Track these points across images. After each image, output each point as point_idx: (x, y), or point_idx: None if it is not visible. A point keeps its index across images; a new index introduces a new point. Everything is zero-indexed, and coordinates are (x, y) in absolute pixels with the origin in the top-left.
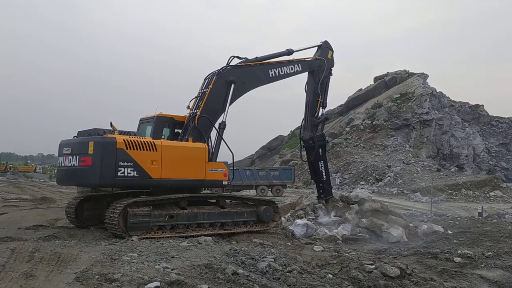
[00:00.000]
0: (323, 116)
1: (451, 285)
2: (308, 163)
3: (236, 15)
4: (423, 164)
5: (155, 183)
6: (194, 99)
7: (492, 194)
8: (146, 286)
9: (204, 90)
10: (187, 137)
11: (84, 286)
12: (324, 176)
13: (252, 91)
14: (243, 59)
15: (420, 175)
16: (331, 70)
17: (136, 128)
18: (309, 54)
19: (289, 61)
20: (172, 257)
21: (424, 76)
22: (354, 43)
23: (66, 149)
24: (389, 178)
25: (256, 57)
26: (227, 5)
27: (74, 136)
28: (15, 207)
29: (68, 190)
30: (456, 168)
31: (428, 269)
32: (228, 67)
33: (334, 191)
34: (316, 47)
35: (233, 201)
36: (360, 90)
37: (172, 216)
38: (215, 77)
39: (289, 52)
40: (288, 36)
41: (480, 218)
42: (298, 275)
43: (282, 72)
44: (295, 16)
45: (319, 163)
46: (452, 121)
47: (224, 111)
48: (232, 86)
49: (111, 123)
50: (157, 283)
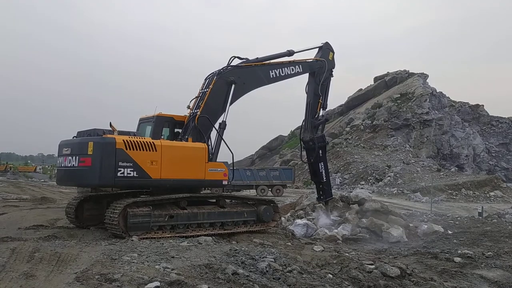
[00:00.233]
0: (324, 117)
1: (451, 285)
2: (308, 164)
3: (236, 15)
4: (423, 164)
5: (154, 183)
6: (195, 99)
7: (492, 194)
8: (146, 286)
9: (205, 90)
10: (187, 137)
11: (84, 286)
12: (324, 178)
13: (252, 91)
14: (244, 60)
15: (420, 175)
16: (332, 71)
17: (135, 128)
18: (310, 55)
19: (290, 62)
20: (172, 257)
21: (424, 76)
22: (354, 43)
23: (66, 149)
24: (389, 178)
25: (257, 57)
26: (227, 5)
27: (73, 137)
28: (15, 207)
29: (68, 190)
30: (456, 168)
31: (428, 269)
32: (229, 67)
33: (334, 191)
34: (317, 49)
35: (233, 201)
36: (360, 90)
37: (172, 216)
38: (215, 77)
39: (290, 53)
40: (288, 36)
41: (480, 218)
42: (298, 275)
43: (283, 73)
44: (295, 16)
45: (319, 165)
46: (452, 121)
47: (225, 111)
48: (233, 86)
49: (110, 123)
50: (157, 283)
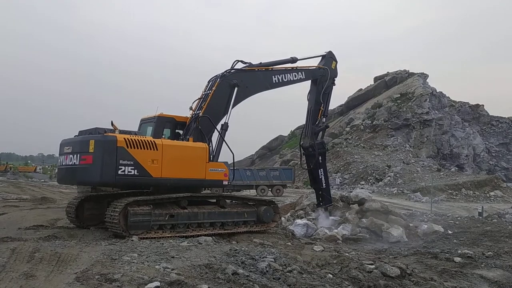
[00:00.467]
0: (324, 124)
1: (451, 285)
2: (307, 170)
3: (236, 15)
4: (423, 164)
5: (155, 182)
6: (197, 101)
7: (492, 194)
8: (146, 286)
9: (208, 92)
10: (188, 137)
11: (84, 286)
12: (323, 184)
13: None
14: (247, 64)
15: (420, 175)
16: (334, 80)
17: (136, 128)
18: (313, 64)
19: (293, 68)
20: (172, 257)
21: (424, 76)
22: (354, 43)
23: (67, 148)
24: (389, 178)
25: (261, 62)
26: (227, 5)
27: (75, 136)
28: (15, 207)
29: (68, 190)
30: (456, 168)
31: (428, 269)
32: (232, 70)
33: (334, 191)
34: (320, 57)
35: (233, 201)
36: (360, 90)
37: (172, 216)
38: (219, 79)
39: (293, 60)
40: (288, 36)
41: (480, 218)
42: (298, 275)
43: (286, 78)
44: (295, 15)
45: (319, 171)
46: (452, 121)
47: (227, 113)
48: (236, 89)
49: (112, 122)
50: (157, 283)
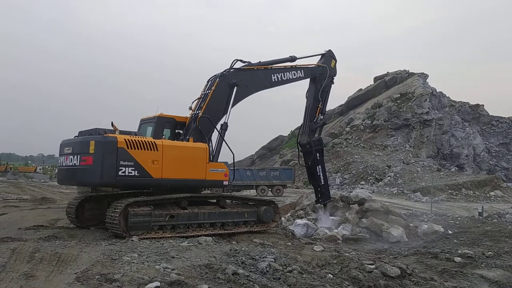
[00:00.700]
0: (322, 121)
1: (452, 285)
2: (306, 167)
3: (236, 15)
4: (423, 164)
5: (156, 182)
6: (197, 101)
7: (492, 194)
8: (147, 286)
9: (207, 92)
10: (188, 137)
11: (84, 286)
12: (322, 181)
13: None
14: (247, 63)
15: (420, 175)
16: (333, 79)
17: (136, 129)
18: (312, 62)
19: (292, 67)
20: (173, 257)
21: (424, 76)
22: (354, 43)
23: (67, 148)
24: (389, 178)
25: (260, 61)
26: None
27: (75, 136)
28: (15, 207)
29: (69, 190)
30: (456, 168)
31: (428, 269)
32: (232, 69)
33: (334, 191)
34: (319, 56)
35: (233, 201)
36: (360, 90)
37: (172, 216)
38: (218, 79)
39: (292, 59)
40: (288, 36)
41: (481, 218)
42: (298, 275)
43: (285, 77)
44: (295, 15)
45: (317, 168)
46: (452, 121)
47: (226, 113)
48: (235, 88)
49: (112, 122)
50: (157, 283)
